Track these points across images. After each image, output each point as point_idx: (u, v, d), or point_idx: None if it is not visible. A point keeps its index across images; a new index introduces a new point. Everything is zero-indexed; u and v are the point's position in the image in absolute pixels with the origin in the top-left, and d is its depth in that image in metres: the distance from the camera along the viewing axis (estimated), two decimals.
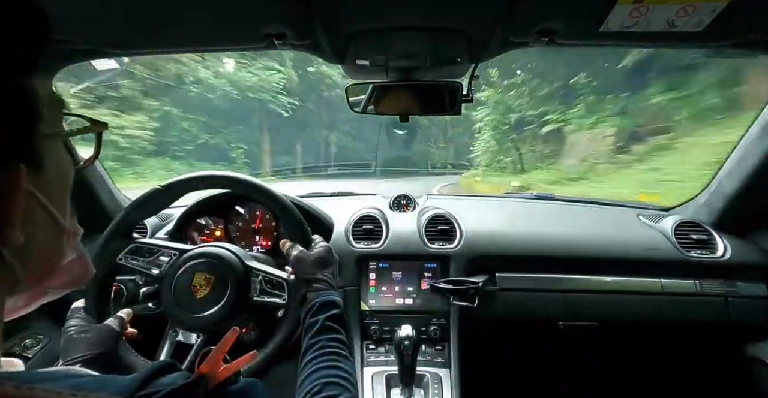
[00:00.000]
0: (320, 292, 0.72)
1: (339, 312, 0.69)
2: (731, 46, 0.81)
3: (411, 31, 0.78)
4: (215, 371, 0.43)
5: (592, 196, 1.96)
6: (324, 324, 0.65)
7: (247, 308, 0.79)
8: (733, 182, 1.13)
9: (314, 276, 0.75)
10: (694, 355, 1.32)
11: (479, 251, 1.18)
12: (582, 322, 1.17)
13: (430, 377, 1.04)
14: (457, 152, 17.50)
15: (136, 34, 0.81)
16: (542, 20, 0.72)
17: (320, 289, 0.73)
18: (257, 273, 0.80)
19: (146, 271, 0.80)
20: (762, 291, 1.11)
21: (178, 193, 0.87)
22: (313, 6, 0.67)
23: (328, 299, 0.71)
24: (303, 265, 0.77)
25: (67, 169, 0.33)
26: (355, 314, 1.14)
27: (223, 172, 0.87)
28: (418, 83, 0.97)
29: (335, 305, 0.70)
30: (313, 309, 0.68)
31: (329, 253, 0.81)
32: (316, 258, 0.78)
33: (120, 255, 0.81)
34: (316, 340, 0.63)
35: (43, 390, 0.24)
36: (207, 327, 0.75)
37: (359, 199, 1.58)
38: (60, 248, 0.33)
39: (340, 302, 0.72)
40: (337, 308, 0.70)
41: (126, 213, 0.83)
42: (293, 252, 0.80)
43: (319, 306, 0.69)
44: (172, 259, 0.80)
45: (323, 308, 0.69)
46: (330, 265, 0.79)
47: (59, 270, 0.33)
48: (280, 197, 0.85)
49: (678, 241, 1.17)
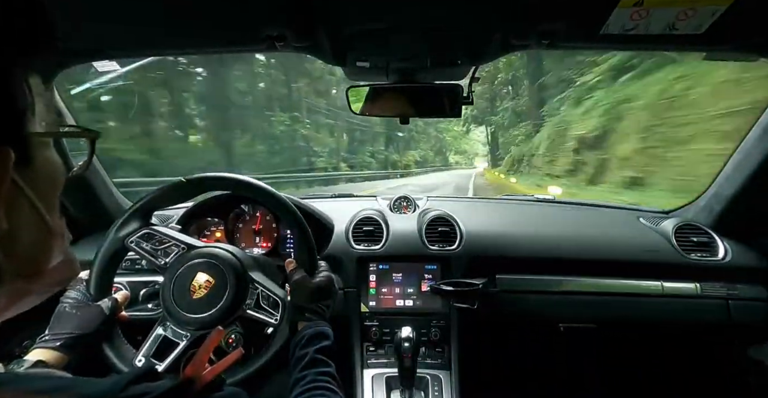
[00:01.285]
0: (311, 323, 0.72)
1: (328, 343, 0.69)
2: (731, 49, 0.82)
3: (411, 33, 0.78)
4: (200, 373, 0.43)
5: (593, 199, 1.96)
6: (313, 357, 0.65)
7: (238, 319, 0.78)
8: (734, 185, 1.13)
9: (308, 305, 0.75)
10: (695, 357, 1.32)
11: (480, 253, 1.18)
12: (582, 324, 1.17)
13: (430, 379, 1.04)
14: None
15: (137, 36, 0.81)
16: (543, 23, 0.72)
17: (311, 320, 0.73)
18: (257, 286, 0.79)
19: (152, 259, 0.79)
20: (762, 293, 1.11)
21: (198, 190, 0.87)
22: (314, 8, 0.67)
23: (318, 330, 0.70)
24: (300, 292, 0.77)
25: (57, 171, 0.34)
26: (355, 316, 1.14)
27: (237, 176, 0.86)
28: (419, 85, 0.97)
29: (325, 336, 0.70)
30: (303, 341, 0.68)
31: (330, 284, 0.80)
32: (314, 287, 0.77)
33: (132, 238, 0.80)
34: (305, 374, 0.62)
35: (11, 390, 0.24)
36: (195, 328, 0.75)
37: (359, 200, 1.58)
38: (46, 247, 0.33)
39: (330, 333, 0.71)
40: (327, 340, 0.69)
41: (150, 197, 0.83)
42: (295, 276, 0.79)
43: (309, 338, 0.68)
44: (180, 252, 0.80)
45: (313, 340, 0.68)
46: (328, 297, 0.78)
47: (46, 271, 0.34)
48: (297, 215, 0.84)
49: (678, 244, 1.17)
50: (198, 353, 0.47)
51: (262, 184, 0.85)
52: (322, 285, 0.78)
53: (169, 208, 1.32)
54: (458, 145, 51.00)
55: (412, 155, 31.26)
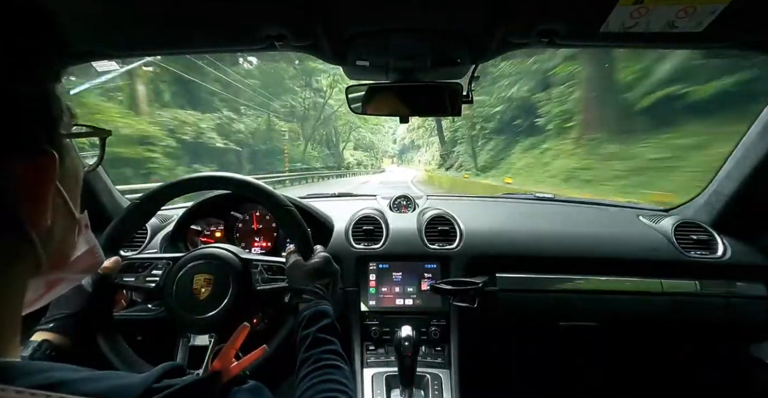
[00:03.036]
0: (310, 303, 0.72)
1: (329, 321, 0.69)
2: (731, 46, 0.81)
3: (411, 32, 0.78)
4: (227, 367, 0.44)
5: (593, 198, 1.96)
6: (316, 337, 0.65)
7: (254, 299, 0.79)
8: (733, 183, 1.13)
9: (305, 287, 0.75)
10: (695, 355, 1.32)
11: (479, 251, 1.18)
12: (582, 323, 1.17)
13: (430, 378, 1.04)
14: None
15: (136, 36, 0.81)
16: (542, 21, 0.72)
17: (309, 300, 0.73)
18: (256, 263, 0.80)
19: (143, 287, 0.79)
20: (762, 291, 1.11)
21: (156, 207, 0.86)
22: (313, 7, 0.67)
23: (318, 309, 0.70)
24: (295, 275, 0.77)
25: (79, 168, 0.37)
26: (355, 315, 1.14)
27: (223, 173, 0.86)
28: (418, 84, 0.97)
29: (326, 315, 0.70)
30: (303, 322, 0.68)
31: (326, 264, 0.80)
32: (309, 269, 0.78)
33: (114, 276, 0.79)
34: (310, 354, 0.63)
35: (15, 391, 0.24)
36: (217, 326, 0.75)
37: (359, 200, 1.58)
38: (73, 239, 0.37)
39: (330, 311, 0.71)
40: (328, 318, 0.69)
41: (111, 230, 0.81)
42: (290, 261, 0.80)
43: (309, 319, 0.68)
44: (166, 269, 0.80)
45: (313, 320, 0.68)
46: (325, 277, 0.78)
47: (74, 260, 0.37)
48: (283, 201, 0.85)
49: (678, 242, 1.17)
50: (224, 348, 0.49)
51: (251, 180, 0.85)
52: (317, 265, 0.78)
53: (168, 208, 1.33)
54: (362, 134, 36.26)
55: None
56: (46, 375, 0.28)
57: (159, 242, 1.13)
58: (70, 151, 0.34)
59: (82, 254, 0.38)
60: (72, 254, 0.37)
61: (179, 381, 0.33)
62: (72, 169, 0.35)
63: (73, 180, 0.36)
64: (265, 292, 0.79)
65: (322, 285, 0.76)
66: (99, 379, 0.30)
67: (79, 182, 0.37)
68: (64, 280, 0.39)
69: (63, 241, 0.35)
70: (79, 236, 0.38)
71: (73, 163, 0.35)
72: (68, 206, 0.35)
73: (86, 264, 0.39)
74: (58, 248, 0.34)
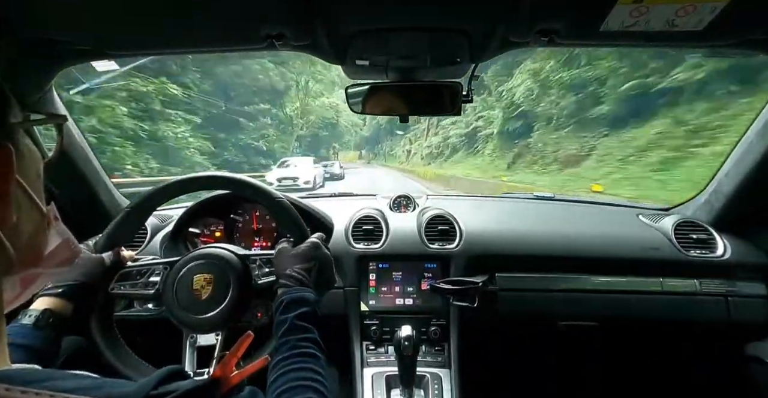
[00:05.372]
0: (288, 289, 0.69)
1: (308, 309, 0.66)
2: (731, 45, 0.81)
3: (411, 31, 0.78)
4: (228, 376, 0.44)
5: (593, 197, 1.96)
6: (293, 323, 0.63)
7: (255, 294, 0.78)
8: (733, 182, 1.13)
9: (284, 272, 0.72)
10: (694, 354, 1.32)
11: (479, 251, 1.18)
12: (582, 322, 1.17)
13: (430, 377, 1.04)
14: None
15: (135, 36, 0.81)
16: (542, 20, 0.72)
17: (287, 285, 0.70)
18: (254, 258, 0.80)
19: (142, 294, 0.79)
20: (761, 290, 1.11)
21: (148, 211, 0.86)
22: (313, 6, 0.67)
23: (296, 296, 0.67)
24: (279, 261, 0.76)
25: (37, 158, 0.36)
26: (355, 314, 1.14)
27: (211, 173, 0.86)
28: (418, 83, 0.97)
29: (305, 302, 0.66)
30: (281, 307, 0.66)
31: (312, 249, 0.76)
32: (294, 253, 0.75)
33: (111, 285, 0.78)
34: (285, 340, 0.61)
35: (35, 393, 0.24)
36: (222, 325, 0.75)
37: (359, 199, 1.58)
38: (44, 232, 0.36)
39: (310, 298, 0.68)
40: (306, 305, 0.66)
41: (105, 237, 0.80)
42: (277, 247, 0.79)
43: (287, 304, 0.66)
44: (164, 274, 0.79)
45: (291, 306, 0.66)
46: (308, 261, 0.74)
47: (48, 254, 0.36)
48: (274, 194, 0.84)
49: (678, 241, 1.17)
50: (227, 356, 0.48)
51: (241, 177, 0.85)
52: (300, 250, 0.76)
53: (168, 208, 1.33)
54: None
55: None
56: (45, 385, 0.28)
57: (159, 242, 1.13)
58: (23, 140, 0.33)
59: (56, 247, 0.37)
60: (45, 248, 0.36)
61: (178, 386, 0.33)
62: (30, 160, 0.34)
63: (33, 171, 0.35)
64: (267, 286, 0.78)
65: (302, 270, 0.73)
66: (99, 387, 0.30)
67: (39, 173, 0.36)
68: (42, 275, 0.37)
69: (33, 236, 0.34)
70: (49, 229, 0.36)
71: (32, 155, 0.34)
72: (32, 199, 0.33)
73: (62, 256, 0.38)
74: (28, 243, 0.33)
